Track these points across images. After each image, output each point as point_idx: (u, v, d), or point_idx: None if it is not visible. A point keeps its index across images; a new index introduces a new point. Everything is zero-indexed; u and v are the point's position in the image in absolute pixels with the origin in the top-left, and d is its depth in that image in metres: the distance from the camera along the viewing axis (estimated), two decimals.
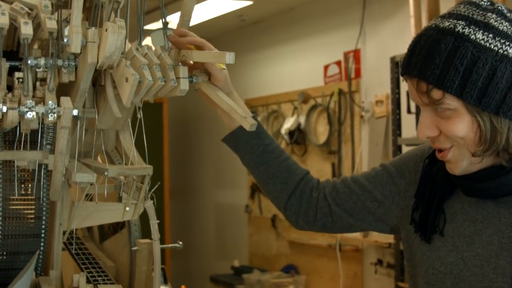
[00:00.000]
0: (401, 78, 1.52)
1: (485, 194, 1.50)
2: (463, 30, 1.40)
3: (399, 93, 4.35)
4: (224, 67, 1.70)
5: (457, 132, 1.43)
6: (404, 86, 4.25)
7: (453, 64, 1.38)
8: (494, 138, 1.42)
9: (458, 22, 1.42)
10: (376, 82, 5.23)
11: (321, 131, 5.75)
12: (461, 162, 1.47)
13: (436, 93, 1.41)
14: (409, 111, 4.15)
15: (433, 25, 1.46)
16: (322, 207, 1.80)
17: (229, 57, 1.50)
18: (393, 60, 4.35)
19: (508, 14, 1.43)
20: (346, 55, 5.51)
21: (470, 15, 1.43)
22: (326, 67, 5.75)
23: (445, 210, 1.58)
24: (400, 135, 4.32)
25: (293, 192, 1.83)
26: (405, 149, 4.30)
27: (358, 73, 5.42)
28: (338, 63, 5.62)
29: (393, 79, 4.34)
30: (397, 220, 1.71)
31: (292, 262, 6.15)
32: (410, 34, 4.26)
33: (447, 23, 1.43)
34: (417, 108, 4.04)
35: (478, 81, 1.38)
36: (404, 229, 1.69)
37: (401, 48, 4.71)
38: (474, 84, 1.38)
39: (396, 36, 5.04)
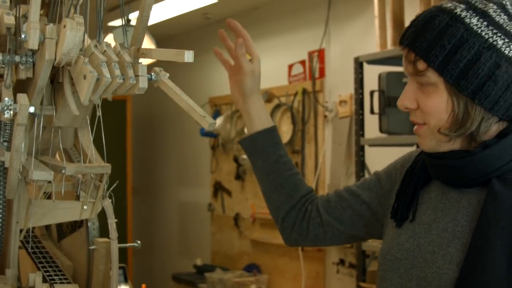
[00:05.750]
0: (365, 77, 1.58)
1: (450, 175, 1.54)
2: (461, 13, 1.46)
3: (362, 94, 4.36)
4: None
5: (432, 108, 1.49)
6: (368, 86, 4.27)
7: (441, 41, 1.45)
8: (465, 122, 1.47)
9: (460, 5, 1.49)
10: (340, 82, 5.25)
11: (284, 130, 5.75)
12: (429, 141, 1.53)
13: (421, 65, 1.48)
14: (372, 112, 4.16)
15: (439, 4, 1.53)
16: (314, 217, 1.85)
17: (188, 55, 1.49)
18: (357, 60, 4.35)
19: (510, 9, 1.48)
20: (310, 54, 5.52)
21: (473, 2, 1.49)
22: (290, 67, 5.76)
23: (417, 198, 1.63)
24: (363, 135, 4.33)
25: (294, 205, 1.88)
26: (367, 150, 4.32)
27: (322, 73, 5.44)
28: (303, 62, 5.62)
29: (356, 79, 4.34)
30: (383, 220, 1.75)
31: (255, 261, 6.15)
32: (375, 34, 4.28)
33: (450, 4, 1.50)
34: (380, 108, 4.05)
35: (460, 62, 1.44)
36: (385, 227, 1.73)
37: (366, 48, 4.74)
38: (456, 64, 1.44)
39: (361, 37, 5.05)
